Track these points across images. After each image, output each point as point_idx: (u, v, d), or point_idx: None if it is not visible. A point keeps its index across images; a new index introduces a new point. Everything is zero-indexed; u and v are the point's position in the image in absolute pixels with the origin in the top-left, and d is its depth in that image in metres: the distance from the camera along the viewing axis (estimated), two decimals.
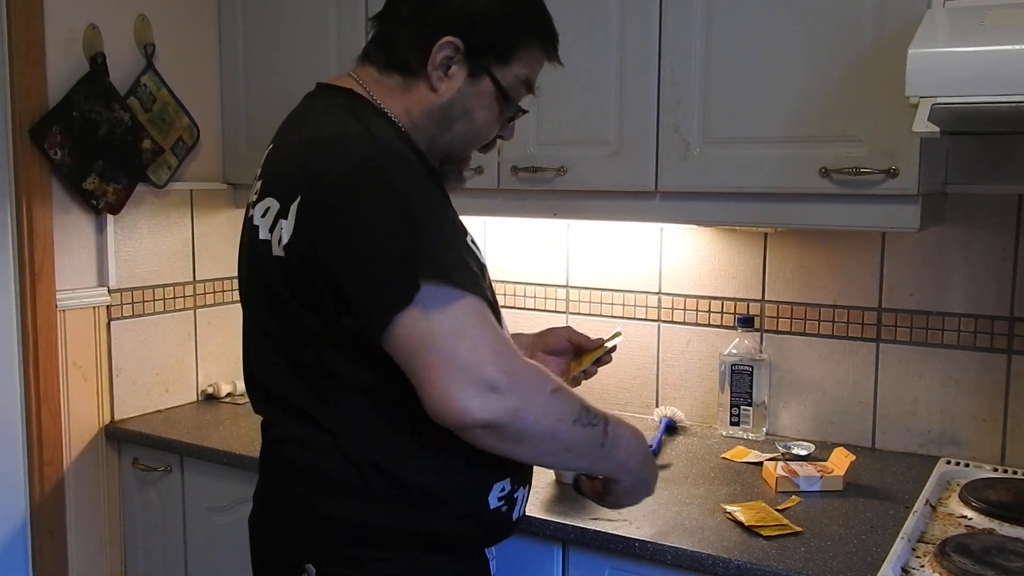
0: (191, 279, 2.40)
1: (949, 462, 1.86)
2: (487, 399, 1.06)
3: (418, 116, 1.28)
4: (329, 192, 1.13)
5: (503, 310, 1.76)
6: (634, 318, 2.24)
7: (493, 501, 1.27)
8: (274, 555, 1.30)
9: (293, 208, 1.16)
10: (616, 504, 1.35)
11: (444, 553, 1.27)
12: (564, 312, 2.32)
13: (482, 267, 1.25)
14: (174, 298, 2.36)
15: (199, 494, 2.11)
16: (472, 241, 1.30)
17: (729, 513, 1.58)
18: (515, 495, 1.31)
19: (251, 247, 1.25)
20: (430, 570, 1.26)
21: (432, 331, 1.08)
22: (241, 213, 1.34)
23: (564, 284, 2.33)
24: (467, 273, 1.12)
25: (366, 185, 1.12)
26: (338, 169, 1.14)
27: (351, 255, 1.12)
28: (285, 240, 1.17)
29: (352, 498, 1.21)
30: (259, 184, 1.26)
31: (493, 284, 1.31)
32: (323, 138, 1.20)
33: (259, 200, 1.24)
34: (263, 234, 1.21)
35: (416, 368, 1.09)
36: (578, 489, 1.38)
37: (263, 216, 1.22)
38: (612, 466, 1.26)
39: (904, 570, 1.38)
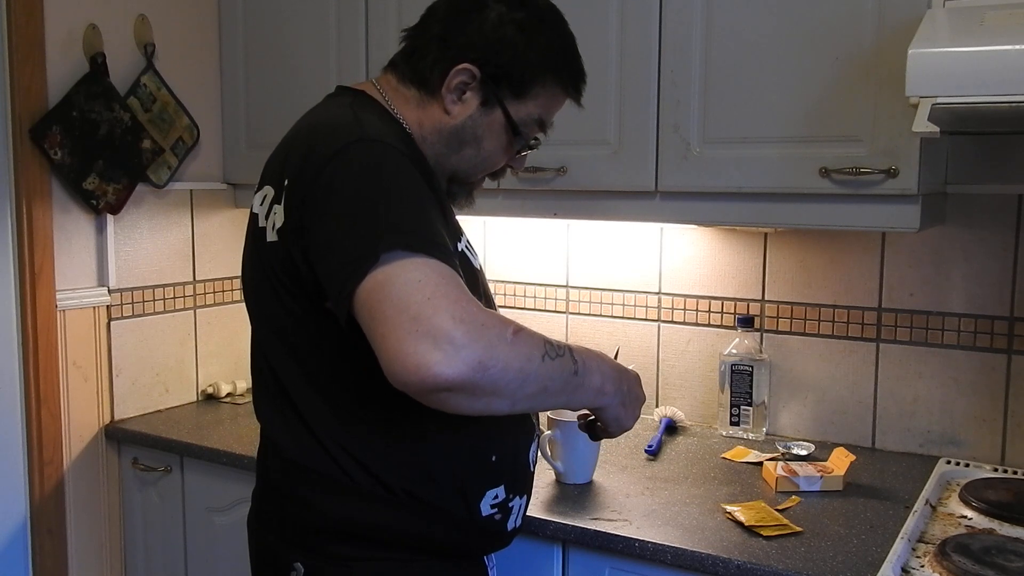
0: (191, 279, 2.40)
1: (949, 462, 1.86)
2: (448, 355, 0.98)
3: (429, 132, 1.29)
4: (310, 175, 1.14)
5: (503, 311, 1.75)
6: (634, 318, 2.24)
7: (485, 508, 1.27)
8: (269, 550, 1.31)
9: (284, 194, 1.18)
10: (618, 430, 1.30)
11: (436, 558, 1.26)
12: (564, 312, 2.32)
13: (476, 277, 1.25)
14: (174, 298, 2.36)
15: (199, 494, 2.11)
16: (467, 247, 1.30)
17: (729, 513, 1.58)
18: (510, 504, 1.30)
19: (253, 234, 1.27)
20: (421, 573, 1.25)
21: (388, 280, 1.02)
22: (241, 213, 1.35)
23: (564, 284, 2.33)
24: (433, 244, 1.07)
25: (340, 165, 1.13)
26: (320, 153, 1.15)
27: (321, 234, 1.12)
28: (278, 224, 1.18)
29: (343, 495, 1.22)
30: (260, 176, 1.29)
31: (492, 284, 1.31)
32: (312, 126, 1.23)
33: (258, 189, 1.27)
34: (261, 221, 1.23)
35: (373, 326, 1.02)
36: (592, 435, 1.38)
37: (261, 204, 1.24)
38: (590, 395, 1.19)
39: (904, 570, 1.38)
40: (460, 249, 1.26)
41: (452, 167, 1.32)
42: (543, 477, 1.76)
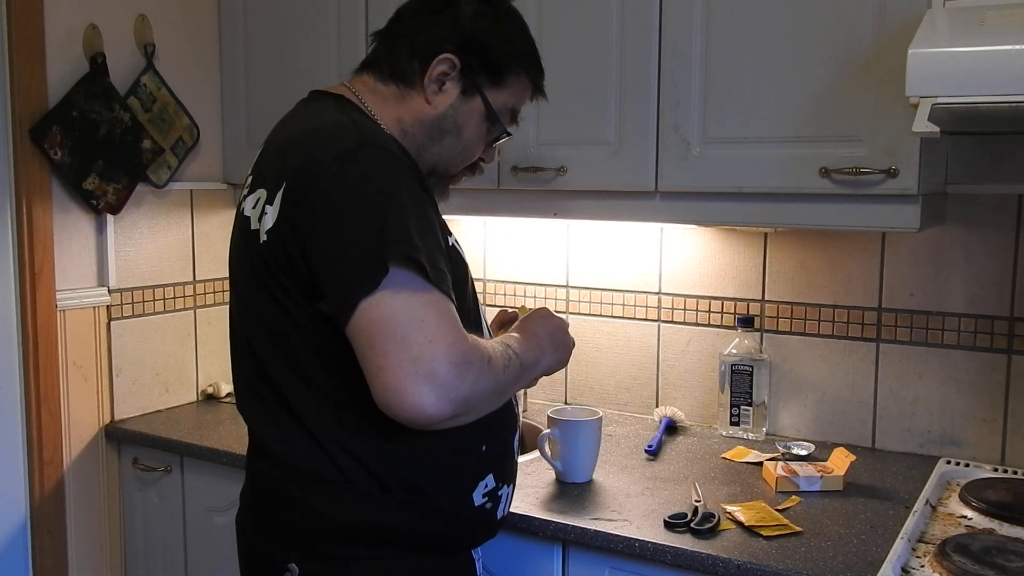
0: (191, 279, 2.40)
1: (949, 462, 1.86)
2: (440, 396, 1.06)
3: (409, 124, 1.32)
4: (312, 178, 1.16)
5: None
6: (634, 318, 2.24)
7: (477, 498, 1.29)
8: (260, 553, 1.31)
9: (279, 196, 1.19)
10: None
11: (431, 553, 1.28)
12: (564, 312, 2.32)
13: (466, 272, 1.28)
14: (174, 298, 2.36)
15: (199, 494, 2.11)
16: (455, 243, 1.32)
17: (729, 513, 1.58)
18: (499, 492, 1.33)
19: (244, 237, 1.28)
20: (416, 570, 1.27)
21: (394, 316, 1.07)
22: None
23: (564, 284, 2.33)
24: (436, 269, 1.13)
25: (346, 170, 1.15)
26: (322, 156, 1.17)
27: (325, 237, 1.14)
28: (268, 225, 1.20)
29: (339, 496, 1.22)
30: (250, 179, 1.30)
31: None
32: (309, 130, 1.25)
33: (250, 193, 1.28)
34: (253, 224, 1.24)
35: (371, 355, 1.08)
36: None
37: (253, 207, 1.25)
38: (535, 374, 1.32)
39: (904, 570, 1.38)
40: (451, 243, 1.29)
41: (433, 159, 1.35)
42: (543, 477, 1.76)
